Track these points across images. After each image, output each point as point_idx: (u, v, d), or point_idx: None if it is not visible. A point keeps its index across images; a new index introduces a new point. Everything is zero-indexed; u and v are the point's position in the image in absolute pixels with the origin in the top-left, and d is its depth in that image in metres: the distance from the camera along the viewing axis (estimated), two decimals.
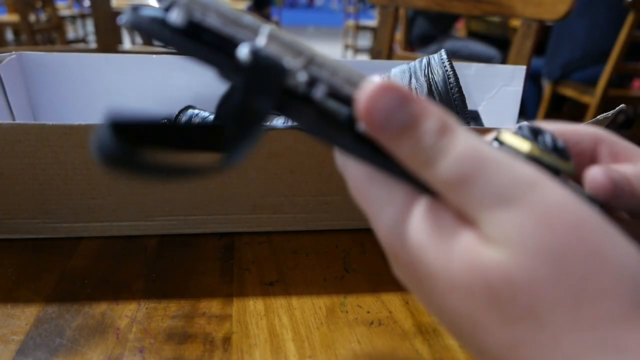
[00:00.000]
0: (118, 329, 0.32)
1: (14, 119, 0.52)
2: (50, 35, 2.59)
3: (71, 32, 3.54)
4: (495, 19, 2.87)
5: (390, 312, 0.35)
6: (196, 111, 0.51)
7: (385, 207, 0.17)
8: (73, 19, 3.63)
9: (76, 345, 0.31)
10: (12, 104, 0.51)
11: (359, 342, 0.33)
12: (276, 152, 0.39)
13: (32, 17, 2.34)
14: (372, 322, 0.34)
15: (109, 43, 1.46)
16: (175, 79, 0.57)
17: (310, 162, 0.40)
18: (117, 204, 0.40)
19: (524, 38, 0.93)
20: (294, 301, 0.36)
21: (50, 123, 0.35)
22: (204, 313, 0.34)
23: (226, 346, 0.31)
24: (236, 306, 0.35)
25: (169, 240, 0.43)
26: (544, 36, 2.06)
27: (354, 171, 0.18)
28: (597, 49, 1.84)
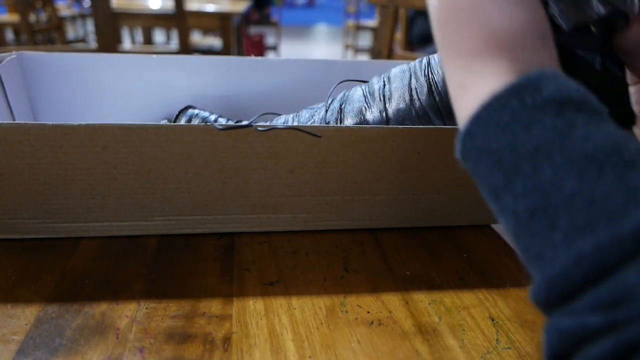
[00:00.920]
0: (118, 329, 0.32)
1: (14, 119, 0.52)
2: (50, 35, 2.59)
3: (71, 32, 3.54)
4: None
5: (390, 312, 0.35)
6: (196, 111, 0.51)
7: None
8: (73, 19, 3.63)
9: (76, 345, 0.31)
10: (12, 104, 0.51)
11: (359, 342, 0.33)
12: (276, 152, 0.39)
13: (32, 17, 2.34)
14: (372, 322, 0.34)
15: (109, 43, 1.46)
16: (175, 79, 0.57)
17: (310, 162, 0.40)
18: (117, 204, 0.40)
19: None
20: (294, 301, 0.36)
21: (50, 123, 0.35)
22: (204, 313, 0.34)
23: (226, 346, 0.31)
24: (236, 306, 0.35)
25: (169, 240, 0.43)
26: None
27: None
28: None
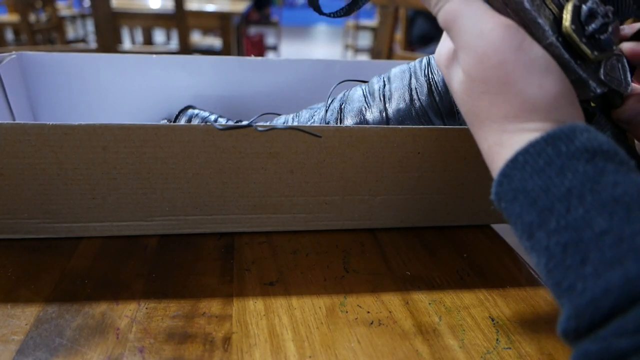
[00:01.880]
0: (118, 329, 0.32)
1: (14, 119, 0.52)
2: (50, 35, 2.60)
3: (71, 32, 3.54)
4: None
5: (390, 312, 0.35)
6: (196, 111, 0.51)
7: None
8: (73, 19, 3.63)
9: (76, 345, 0.31)
10: (12, 104, 0.51)
11: (359, 342, 0.33)
12: (276, 152, 0.39)
13: (32, 17, 2.35)
14: (372, 322, 0.34)
15: (109, 43, 1.46)
16: (175, 79, 0.57)
17: (310, 162, 0.40)
18: (117, 204, 0.40)
19: None
20: (294, 301, 0.36)
21: (50, 123, 0.35)
22: (204, 313, 0.34)
23: (226, 346, 0.31)
24: (236, 306, 0.35)
25: (169, 240, 0.43)
26: None
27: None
28: None
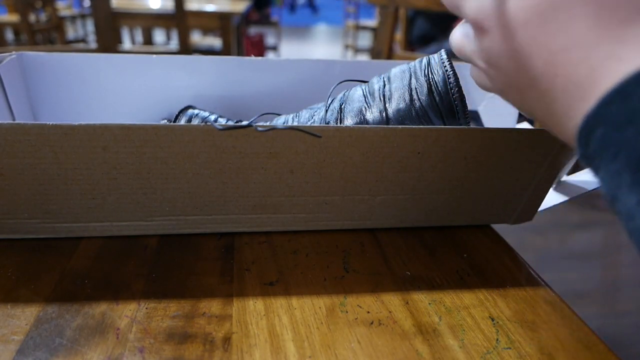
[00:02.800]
0: (118, 329, 0.32)
1: (14, 119, 0.52)
2: (50, 35, 2.60)
3: (71, 32, 3.54)
4: None
5: (390, 312, 0.35)
6: (196, 111, 0.51)
7: None
8: (73, 19, 3.63)
9: (76, 345, 0.31)
10: (12, 104, 0.51)
11: (359, 342, 0.33)
12: (276, 152, 0.39)
13: (32, 17, 2.35)
14: (372, 322, 0.34)
15: (109, 43, 1.46)
16: (175, 79, 0.57)
17: (310, 162, 0.40)
18: (117, 204, 0.40)
19: None
20: (294, 301, 0.36)
21: (50, 123, 0.35)
22: (204, 313, 0.34)
23: (226, 346, 0.31)
24: (236, 306, 0.35)
25: (169, 240, 0.43)
26: None
27: None
28: None
